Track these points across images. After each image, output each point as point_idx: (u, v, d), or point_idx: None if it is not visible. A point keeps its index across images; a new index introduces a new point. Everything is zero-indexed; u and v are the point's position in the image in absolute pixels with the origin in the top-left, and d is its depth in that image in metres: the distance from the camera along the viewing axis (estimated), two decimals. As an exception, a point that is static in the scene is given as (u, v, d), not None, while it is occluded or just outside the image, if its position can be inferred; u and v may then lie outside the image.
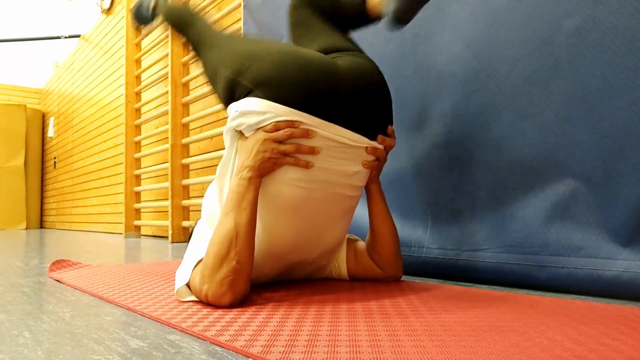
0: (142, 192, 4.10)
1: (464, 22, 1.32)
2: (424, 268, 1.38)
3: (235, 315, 0.86)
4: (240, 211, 0.95)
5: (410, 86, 1.46)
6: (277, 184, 1.01)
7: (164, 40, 3.76)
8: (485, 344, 0.66)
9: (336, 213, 1.10)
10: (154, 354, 0.67)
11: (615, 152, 1.02)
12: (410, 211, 1.44)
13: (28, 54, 8.13)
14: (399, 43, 1.49)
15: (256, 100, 0.99)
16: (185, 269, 1.01)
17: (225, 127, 1.07)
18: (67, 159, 6.41)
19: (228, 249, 0.92)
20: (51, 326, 0.84)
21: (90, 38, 5.83)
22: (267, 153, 0.97)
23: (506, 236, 1.20)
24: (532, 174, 1.16)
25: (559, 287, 1.09)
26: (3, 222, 6.53)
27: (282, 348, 0.66)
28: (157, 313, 0.89)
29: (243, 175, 0.98)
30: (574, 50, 1.08)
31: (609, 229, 1.03)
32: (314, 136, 0.98)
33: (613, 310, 0.87)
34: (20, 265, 1.83)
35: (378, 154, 1.10)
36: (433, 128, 1.39)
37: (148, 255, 2.35)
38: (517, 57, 1.19)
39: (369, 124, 1.06)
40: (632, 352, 0.62)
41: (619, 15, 1.01)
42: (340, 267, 1.24)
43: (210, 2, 3.24)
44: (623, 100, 1.00)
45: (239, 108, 1.01)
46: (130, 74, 4.17)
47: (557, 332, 0.72)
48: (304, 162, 0.99)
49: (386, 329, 0.75)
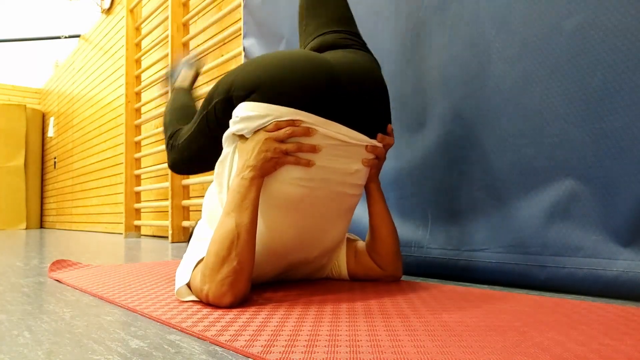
0: (142, 192, 4.10)
1: (464, 22, 1.32)
2: (424, 268, 1.38)
3: (235, 315, 0.86)
4: (242, 211, 0.95)
5: (410, 86, 1.46)
6: (279, 183, 1.01)
7: (164, 40, 3.76)
8: (485, 344, 0.66)
9: (337, 212, 1.10)
10: (154, 354, 0.67)
11: (615, 152, 1.02)
12: (410, 211, 1.44)
13: (28, 54, 8.13)
14: (399, 43, 1.49)
15: (254, 104, 0.99)
16: (185, 269, 1.01)
17: (225, 133, 1.07)
18: (67, 159, 6.41)
19: (229, 249, 0.92)
20: (51, 326, 0.84)
21: (90, 38, 5.83)
22: (269, 153, 0.97)
23: (506, 236, 1.20)
24: (532, 174, 1.16)
25: (559, 287, 1.09)
26: (3, 222, 6.53)
27: (282, 348, 0.66)
28: (157, 313, 0.89)
29: (245, 175, 0.98)
30: (574, 50, 1.08)
31: (609, 229, 1.03)
32: (315, 134, 0.99)
33: (613, 310, 0.87)
34: (20, 265, 1.83)
35: (378, 152, 1.10)
36: (433, 128, 1.39)
37: (148, 255, 2.35)
38: (517, 57, 1.19)
39: (368, 121, 1.06)
40: (632, 352, 0.62)
41: (619, 15, 1.01)
42: (341, 267, 1.24)
43: (210, 2, 3.24)
44: (623, 100, 1.00)
45: (239, 114, 1.01)
46: (130, 74, 4.17)
47: (557, 332, 0.72)
48: (305, 161, 0.99)
49: (386, 328, 0.75)
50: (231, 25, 2.98)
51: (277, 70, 1.00)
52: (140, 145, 4.16)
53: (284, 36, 2.03)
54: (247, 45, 2.37)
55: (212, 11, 3.31)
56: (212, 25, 3.16)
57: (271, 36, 2.15)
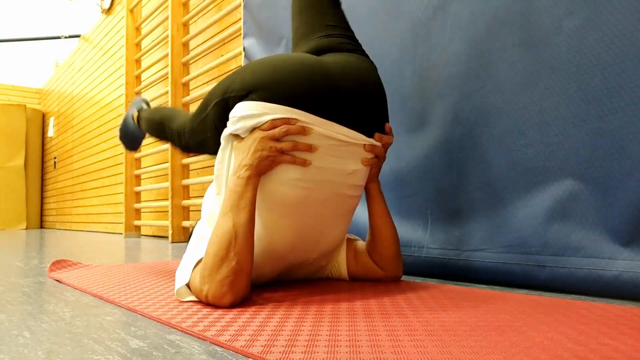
0: (142, 192, 4.10)
1: (464, 22, 1.32)
2: (424, 268, 1.38)
3: (235, 315, 0.86)
4: (239, 211, 0.95)
5: (410, 86, 1.46)
6: (276, 184, 1.01)
7: (164, 40, 3.76)
8: (485, 344, 0.66)
9: (336, 213, 1.10)
10: (154, 354, 0.67)
11: (615, 152, 1.02)
12: (410, 211, 1.44)
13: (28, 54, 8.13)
14: (399, 43, 1.49)
15: (252, 103, 0.99)
16: (185, 269, 1.01)
17: (222, 133, 1.07)
18: (67, 159, 6.41)
19: (227, 249, 0.92)
20: (51, 326, 0.84)
21: (90, 38, 5.84)
22: (264, 151, 0.97)
23: (506, 236, 1.20)
24: (532, 174, 1.16)
25: (559, 287, 1.09)
26: (3, 222, 6.53)
27: (282, 348, 0.66)
28: (157, 313, 0.89)
29: (241, 175, 0.98)
30: (574, 50, 1.08)
31: (609, 229, 1.03)
32: (310, 133, 0.99)
33: (613, 310, 0.87)
34: (20, 265, 1.83)
35: (377, 152, 1.10)
36: (433, 128, 1.39)
37: (148, 255, 2.35)
38: (517, 57, 1.19)
39: (364, 120, 1.06)
40: (632, 352, 0.62)
41: (619, 15, 1.01)
42: (340, 267, 1.24)
43: (210, 2, 3.24)
44: (623, 100, 1.00)
45: (236, 114, 1.02)
46: (130, 74, 4.17)
47: (557, 332, 0.72)
48: (301, 160, 0.99)
49: (386, 328, 0.75)
50: (231, 25, 2.98)
51: (273, 72, 1.01)
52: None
53: (284, 36, 2.03)
54: (247, 45, 2.37)
55: (212, 11, 3.31)
56: (212, 25, 3.17)
57: (271, 36, 2.15)
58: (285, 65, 1.02)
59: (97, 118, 5.43)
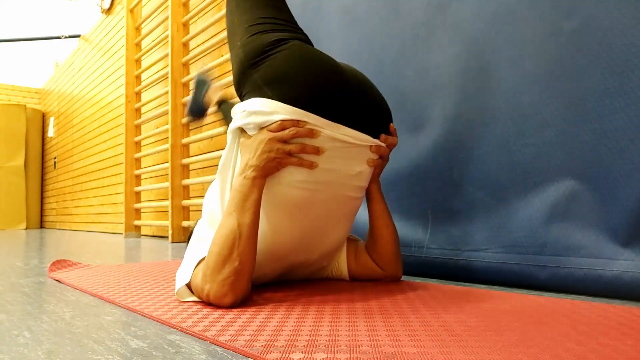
0: (142, 192, 4.10)
1: (464, 22, 1.32)
2: (424, 268, 1.38)
3: (235, 315, 0.86)
4: (244, 211, 0.95)
5: (410, 86, 1.46)
6: (282, 186, 1.00)
7: (164, 40, 3.76)
8: (485, 344, 0.66)
9: (339, 215, 1.10)
10: (154, 354, 0.67)
11: (615, 152, 1.02)
12: (410, 211, 1.44)
13: (28, 54, 8.13)
14: (399, 43, 1.49)
15: (264, 100, 0.98)
16: (185, 269, 1.01)
17: (230, 126, 1.06)
18: (67, 159, 6.41)
19: (230, 249, 0.92)
20: (51, 326, 0.84)
21: (90, 38, 5.84)
22: (271, 153, 0.97)
23: (506, 236, 1.20)
24: (532, 174, 1.16)
25: (559, 287, 1.09)
26: (3, 222, 6.53)
27: (282, 348, 0.66)
28: (157, 313, 0.89)
29: (247, 175, 0.98)
30: (574, 50, 1.08)
31: (609, 229, 1.03)
32: (319, 136, 0.98)
33: (613, 310, 0.87)
34: (20, 265, 1.83)
35: (382, 152, 1.09)
36: (433, 128, 1.39)
37: (148, 255, 2.35)
38: (517, 57, 1.19)
39: (371, 122, 1.06)
40: (632, 352, 0.62)
41: (619, 15, 1.01)
42: (341, 267, 1.24)
43: (210, 2, 3.24)
44: (623, 100, 1.00)
45: (246, 108, 1.01)
46: (130, 74, 4.17)
47: (557, 332, 0.72)
48: (308, 162, 0.98)
49: (386, 328, 0.75)
50: (231, 25, 2.98)
51: (301, 69, 0.98)
52: (140, 145, 4.16)
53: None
54: (247, 45, 2.36)
55: (212, 11, 3.31)
56: (212, 25, 3.16)
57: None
58: (309, 62, 1.00)
59: (97, 118, 5.43)
